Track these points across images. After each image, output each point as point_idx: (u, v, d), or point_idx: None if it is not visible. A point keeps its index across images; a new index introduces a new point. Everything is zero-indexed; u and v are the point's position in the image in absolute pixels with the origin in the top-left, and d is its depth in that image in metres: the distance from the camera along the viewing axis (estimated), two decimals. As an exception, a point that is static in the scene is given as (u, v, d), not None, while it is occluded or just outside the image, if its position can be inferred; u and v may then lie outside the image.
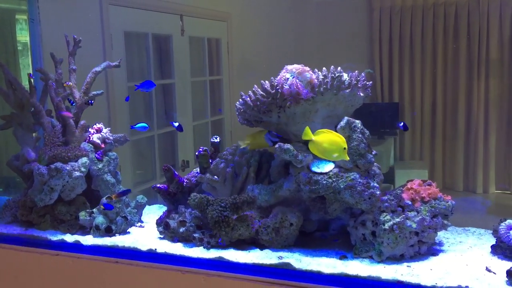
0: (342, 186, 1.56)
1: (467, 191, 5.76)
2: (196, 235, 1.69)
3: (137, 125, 2.03)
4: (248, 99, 1.72)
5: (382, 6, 5.94)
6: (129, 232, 1.85)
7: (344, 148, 1.57)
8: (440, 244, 1.66)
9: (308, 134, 1.59)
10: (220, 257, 1.60)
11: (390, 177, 5.51)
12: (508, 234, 1.49)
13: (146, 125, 2.04)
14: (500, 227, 1.51)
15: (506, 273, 1.36)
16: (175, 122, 2.00)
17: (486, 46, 5.58)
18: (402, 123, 1.68)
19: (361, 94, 1.70)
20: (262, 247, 1.65)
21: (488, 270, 1.43)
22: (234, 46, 4.89)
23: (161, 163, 3.91)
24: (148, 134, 3.76)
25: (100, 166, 1.89)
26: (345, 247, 1.64)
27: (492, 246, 1.57)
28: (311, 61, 1.79)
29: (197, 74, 4.43)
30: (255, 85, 1.71)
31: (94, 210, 1.83)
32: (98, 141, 1.90)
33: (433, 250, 1.60)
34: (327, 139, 1.58)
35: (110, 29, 3.28)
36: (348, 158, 1.58)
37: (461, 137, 5.78)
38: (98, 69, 1.96)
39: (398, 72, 6.01)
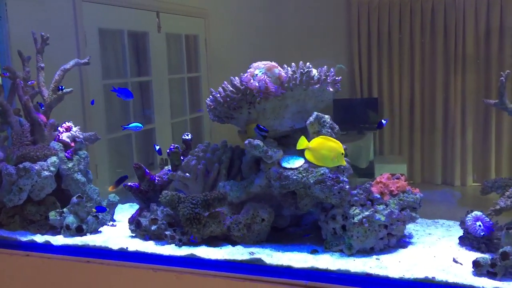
0: (312, 181, 1.57)
1: (445, 184, 5.84)
2: (167, 232, 1.68)
3: (130, 125, 1.99)
4: (218, 95, 1.71)
5: (360, 1, 5.96)
6: (100, 231, 1.83)
7: (342, 154, 1.56)
8: (410, 236, 1.68)
9: (304, 142, 1.57)
10: (191, 254, 1.60)
11: (370, 172, 5.55)
12: (474, 226, 1.51)
13: (140, 125, 1.99)
14: (467, 219, 1.53)
15: (472, 263, 1.38)
16: (157, 145, 1.96)
17: (462, 41, 5.65)
18: (384, 120, 1.68)
19: (331, 89, 1.71)
20: (234, 243, 1.65)
21: (455, 261, 1.46)
22: (212, 43, 4.88)
23: (139, 161, 3.87)
24: (125, 132, 3.73)
25: (70, 165, 1.87)
26: (316, 242, 1.65)
27: (460, 238, 1.59)
28: (290, 56, 1.79)
29: (174, 71, 4.40)
30: (225, 81, 1.71)
31: (65, 209, 1.81)
32: (68, 140, 1.88)
33: (402, 242, 1.62)
34: (324, 146, 1.56)
35: (84, 26, 3.23)
36: (346, 163, 1.57)
37: (439, 131, 5.85)
38: (66, 66, 1.94)
39: (377, 67, 6.05)
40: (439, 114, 5.83)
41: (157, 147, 1.94)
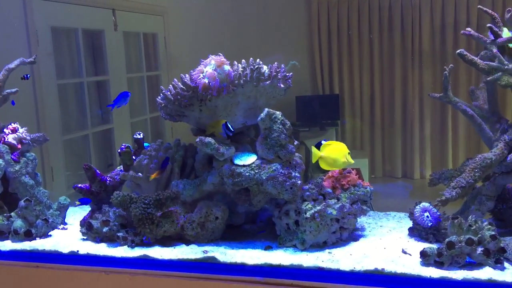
0: (264, 177, 1.57)
1: (405, 177, 5.97)
2: (120, 234, 1.65)
3: (145, 144, 1.88)
4: (169, 93, 1.69)
5: (319, -1, 6.03)
6: (50, 235, 1.78)
7: (349, 153, 1.62)
8: (362, 229, 1.70)
9: (316, 153, 1.61)
10: (144, 255, 1.57)
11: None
12: (422, 217, 1.54)
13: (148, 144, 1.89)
14: (415, 210, 1.57)
15: (420, 254, 1.42)
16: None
17: (419, 37, 5.79)
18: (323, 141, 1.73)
19: (282, 86, 1.71)
20: (188, 243, 1.64)
21: (404, 252, 1.49)
22: (172, 41, 4.82)
23: (98, 163, 3.80)
24: (82, 133, 3.64)
25: (17, 168, 1.80)
26: (271, 238, 1.66)
27: (409, 229, 1.63)
28: (251, 53, 1.78)
29: (133, 70, 4.33)
30: (175, 79, 1.69)
31: (12, 214, 1.75)
32: (14, 142, 1.81)
33: (354, 235, 1.64)
34: (334, 150, 1.61)
35: (35, 24, 3.13)
36: (353, 161, 1.63)
37: (398, 126, 5.98)
38: (11, 66, 1.87)
39: (338, 64, 6.13)
40: (398, 109, 5.96)
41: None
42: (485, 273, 1.34)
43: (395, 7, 5.85)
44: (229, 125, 1.63)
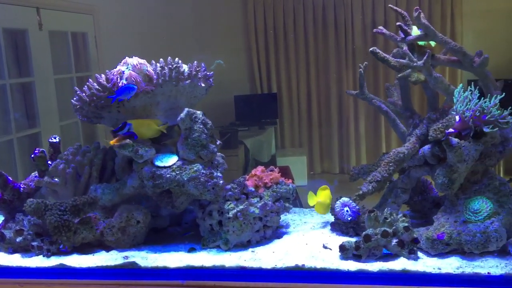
0: (185, 178, 1.54)
1: (342, 173, 6.12)
2: (34, 243, 1.57)
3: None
4: (84, 94, 1.62)
5: (255, -2, 6.06)
6: (-41, 249, 1.66)
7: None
8: (287, 226, 1.71)
9: (313, 198, 1.65)
10: (61, 264, 1.50)
11: (272, 165, 5.66)
12: (342, 211, 1.57)
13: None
14: (336, 205, 1.59)
15: (339, 248, 1.44)
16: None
17: (352, 35, 5.95)
18: None
19: (203, 85, 1.69)
20: (108, 249, 1.58)
21: (325, 247, 1.51)
22: (103, 40, 4.66)
23: (24, 170, 3.60)
24: (5, 138, 3.45)
25: None
26: (196, 240, 1.63)
27: (331, 224, 1.65)
28: (187, 53, 1.74)
29: (61, 71, 4.14)
30: (90, 79, 1.62)
31: None
32: None
33: (278, 233, 1.65)
34: (327, 196, 1.64)
35: None
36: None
37: (335, 123, 6.12)
38: None
39: (275, 63, 6.18)
40: (334, 107, 6.10)
41: None
42: (400, 263, 1.38)
43: (328, 6, 5.97)
44: (125, 123, 1.55)
